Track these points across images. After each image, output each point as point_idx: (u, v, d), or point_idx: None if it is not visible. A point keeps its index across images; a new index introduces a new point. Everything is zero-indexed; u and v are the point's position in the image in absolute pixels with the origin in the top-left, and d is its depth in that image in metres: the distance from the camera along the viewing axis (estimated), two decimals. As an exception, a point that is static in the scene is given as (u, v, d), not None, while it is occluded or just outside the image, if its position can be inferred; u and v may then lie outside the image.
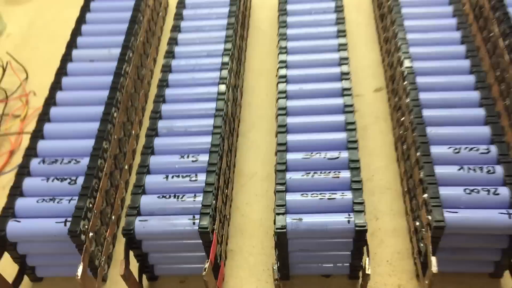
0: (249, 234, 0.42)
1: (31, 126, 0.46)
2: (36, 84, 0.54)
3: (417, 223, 0.37)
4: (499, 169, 0.35)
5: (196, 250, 0.36)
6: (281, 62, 0.44)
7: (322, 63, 0.44)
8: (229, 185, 0.42)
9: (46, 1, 0.66)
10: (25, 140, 0.49)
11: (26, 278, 0.39)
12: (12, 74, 0.55)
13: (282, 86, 0.42)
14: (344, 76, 0.42)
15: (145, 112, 0.50)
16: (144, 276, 0.39)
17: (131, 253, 0.36)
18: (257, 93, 0.52)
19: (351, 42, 0.53)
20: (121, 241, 0.40)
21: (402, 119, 0.42)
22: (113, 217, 0.41)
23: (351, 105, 0.40)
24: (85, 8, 0.51)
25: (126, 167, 0.44)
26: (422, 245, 0.35)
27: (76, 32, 0.48)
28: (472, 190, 0.34)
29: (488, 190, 0.34)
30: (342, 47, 0.44)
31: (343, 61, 0.43)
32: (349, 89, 0.41)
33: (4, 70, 0.53)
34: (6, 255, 0.37)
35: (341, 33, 0.45)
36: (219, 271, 0.37)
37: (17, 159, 0.48)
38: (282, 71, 0.43)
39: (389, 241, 0.40)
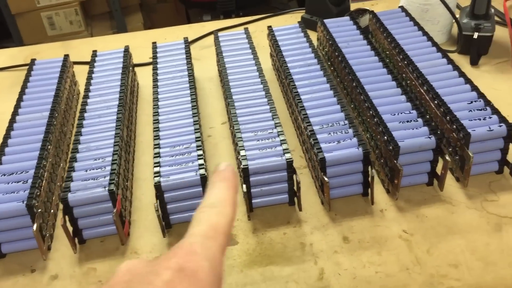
0: (144, 210, 0.65)
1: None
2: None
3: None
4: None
5: (110, 212, 0.58)
6: (155, 113, 0.70)
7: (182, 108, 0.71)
8: (128, 179, 0.66)
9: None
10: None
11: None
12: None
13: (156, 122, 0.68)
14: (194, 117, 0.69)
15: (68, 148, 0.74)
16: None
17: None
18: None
19: (208, 98, 0.82)
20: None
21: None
22: (53, 202, 0.62)
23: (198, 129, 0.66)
24: (22, 92, 0.75)
25: (58, 177, 0.66)
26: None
27: (19, 103, 0.73)
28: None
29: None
30: (193, 103, 0.71)
31: (194, 109, 0.70)
32: (196, 121, 0.68)
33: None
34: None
35: (192, 95, 0.73)
36: (125, 224, 0.60)
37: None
38: (155, 117, 0.69)
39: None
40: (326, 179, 0.58)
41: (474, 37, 0.82)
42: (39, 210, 0.58)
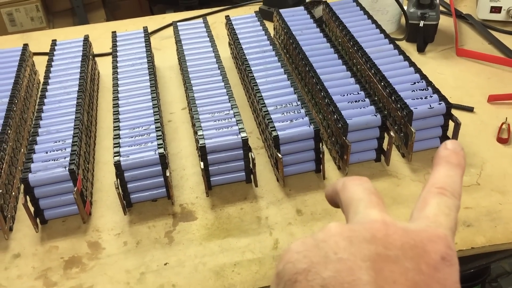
0: (105, 192, 0.66)
1: None
2: None
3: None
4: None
5: (71, 192, 0.60)
6: (114, 97, 0.72)
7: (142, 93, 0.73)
8: (89, 162, 0.68)
9: None
10: None
11: None
12: None
13: (115, 102, 0.70)
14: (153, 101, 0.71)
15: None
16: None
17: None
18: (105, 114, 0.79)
19: (169, 86, 0.84)
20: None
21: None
22: (14, 185, 0.63)
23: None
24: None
25: (19, 163, 0.68)
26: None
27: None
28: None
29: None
30: (152, 88, 0.74)
31: (153, 94, 0.72)
32: (155, 105, 0.70)
33: None
34: None
35: (152, 81, 0.75)
36: (86, 204, 0.61)
37: None
38: (115, 101, 0.71)
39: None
40: (279, 155, 0.62)
41: (420, 25, 0.87)
42: (0, 191, 0.59)
